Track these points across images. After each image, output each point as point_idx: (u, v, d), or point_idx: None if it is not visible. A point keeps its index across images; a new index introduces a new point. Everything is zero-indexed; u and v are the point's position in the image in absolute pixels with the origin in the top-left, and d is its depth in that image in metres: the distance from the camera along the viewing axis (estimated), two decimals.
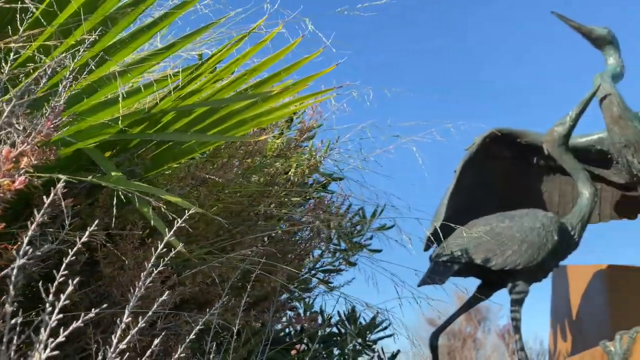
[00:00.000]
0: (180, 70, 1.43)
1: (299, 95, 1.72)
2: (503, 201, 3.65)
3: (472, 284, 3.24)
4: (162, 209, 1.19)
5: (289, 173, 2.13)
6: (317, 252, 2.90)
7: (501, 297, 3.11)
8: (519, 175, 3.65)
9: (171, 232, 0.99)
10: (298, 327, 2.98)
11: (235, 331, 1.27)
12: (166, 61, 1.65)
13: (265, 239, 2.06)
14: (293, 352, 2.87)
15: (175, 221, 1.01)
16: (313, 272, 2.86)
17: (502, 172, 3.63)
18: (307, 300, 2.97)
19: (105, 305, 1.11)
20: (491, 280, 3.09)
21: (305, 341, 2.91)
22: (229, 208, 1.59)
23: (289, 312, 3.07)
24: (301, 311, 3.05)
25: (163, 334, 1.22)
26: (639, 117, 2.97)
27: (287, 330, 2.97)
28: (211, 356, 1.18)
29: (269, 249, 1.52)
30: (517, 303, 2.93)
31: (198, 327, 1.23)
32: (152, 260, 0.95)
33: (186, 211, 1.10)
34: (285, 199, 2.03)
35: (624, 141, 2.96)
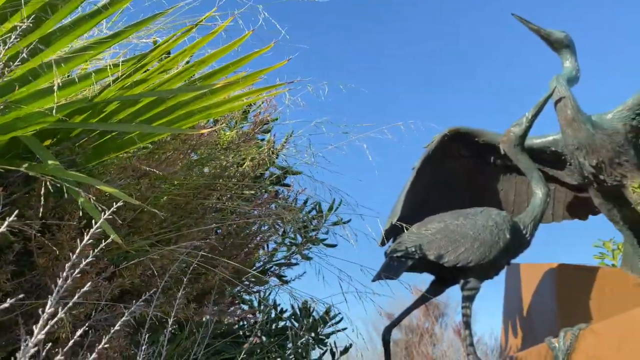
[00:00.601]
0: (127, 59, 1.41)
1: (251, 89, 1.73)
2: (460, 199, 3.73)
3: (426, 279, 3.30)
4: (95, 199, 1.19)
5: (244, 166, 2.14)
6: (272, 246, 2.92)
7: (456, 293, 3.19)
8: (477, 174, 3.72)
9: (99, 222, 0.99)
10: (252, 320, 3.00)
11: (171, 322, 1.27)
12: (116, 48, 1.64)
13: (219, 231, 2.07)
14: (246, 345, 2.88)
15: (107, 212, 1.01)
16: (268, 265, 2.88)
17: (460, 170, 3.70)
18: (261, 293, 2.99)
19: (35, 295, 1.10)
20: (444, 276, 3.16)
21: (259, 334, 2.92)
22: (175, 200, 1.58)
23: (243, 306, 3.09)
24: (255, 304, 3.07)
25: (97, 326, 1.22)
26: (591, 121, 3.05)
27: (241, 323, 2.99)
28: (143, 347, 1.18)
29: (211, 243, 1.52)
30: (468, 299, 2.99)
31: (131, 319, 1.23)
32: (78, 251, 0.95)
33: (123, 202, 1.10)
34: (238, 192, 2.04)
35: (576, 143, 3.04)
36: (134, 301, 1.34)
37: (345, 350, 3.03)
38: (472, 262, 2.94)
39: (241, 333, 2.81)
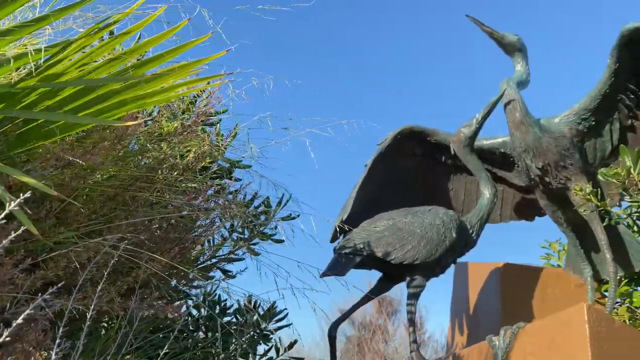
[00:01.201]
0: (50, 44, 1.37)
1: (190, 79, 1.71)
2: (412, 197, 3.77)
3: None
4: (17, 189, 1.15)
5: (186, 158, 2.11)
6: (222, 240, 2.90)
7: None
8: (428, 173, 3.77)
9: (8, 209, 0.96)
10: (196, 315, 2.97)
11: (90, 316, 1.25)
12: (50, 35, 1.60)
13: (165, 224, 2.04)
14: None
15: (15, 201, 0.98)
16: (214, 259, 2.86)
17: (412, 168, 3.74)
18: (204, 289, 2.97)
19: None
20: (391, 273, 3.19)
21: (202, 330, 2.90)
22: (106, 192, 1.55)
23: (189, 300, 3.06)
24: (201, 300, 3.05)
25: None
26: (539, 124, 3.12)
27: (185, 318, 2.96)
28: (57, 341, 1.15)
29: (139, 236, 1.49)
30: (413, 297, 3.03)
31: (50, 313, 1.20)
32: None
33: (39, 193, 1.07)
34: (179, 185, 2.01)
35: (523, 146, 3.11)
36: (66, 295, 1.31)
37: (291, 346, 3.04)
38: (419, 259, 2.98)
39: (184, 328, 2.79)
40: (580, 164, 3.15)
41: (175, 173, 1.90)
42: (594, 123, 3.16)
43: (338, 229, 3.36)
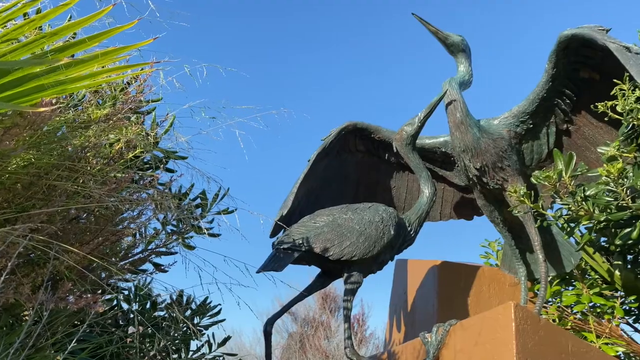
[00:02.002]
0: None
1: (116, 66, 1.67)
2: (354, 193, 3.83)
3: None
4: None
5: (114, 147, 2.06)
6: (155, 233, 2.85)
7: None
8: (372, 170, 3.82)
9: None
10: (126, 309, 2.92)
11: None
12: None
13: (84, 215, 1.99)
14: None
15: None
16: (146, 253, 2.81)
17: (356, 165, 3.79)
18: (138, 281, 2.92)
19: None
20: (329, 269, 3.22)
21: (135, 324, 2.85)
22: (21, 180, 1.50)
23: (120, 294, 3.00)
24: (133, 293, 2.99)
25: None
26: (479, 125, 3.20)
27: (115, 313, 2.90)
28: None
29: (48, 226, 1.45)
30: (350, 293, 3.07)
31: None
32: None
33: None
34: (104, 175, 1.96)
35: (462, 146, 3.18)
36: None
37: (224, 342, 3.02)
38: (357, 256, 3.01)
39: (113, 323, 2.74)
40: (517, 166, 3.25)
41: (101, 162, 1.85)
42: (531, 126, 3.26)
43: (278, 225, 3.38)
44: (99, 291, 2.31)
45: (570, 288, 3.68)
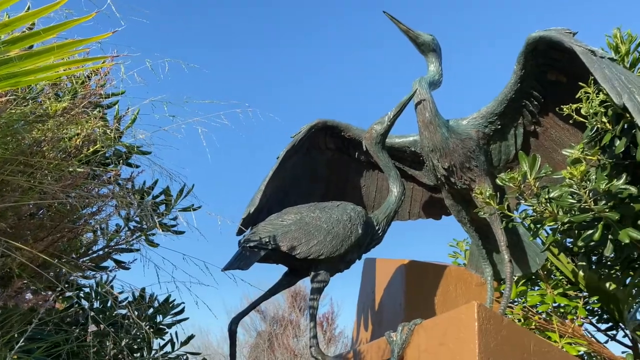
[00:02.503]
0: None
1: (75, 59, 1.64)
2: (323, 191, 3.83)
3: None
4: None
5: (73, 141, 2.03)
6: (117, 230, 2.81)
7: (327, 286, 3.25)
8: (341, 168, 3.83)
9: None
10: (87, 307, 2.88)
11: None
12: None
13: (37, 211, 1.95)
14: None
15: None
16: (107, 250, 2.78)
17: (325, 163, 3.79)
18: (100, 279, 2.88)
19: None
20: (296, 268, 3.22)
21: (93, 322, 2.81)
22: None
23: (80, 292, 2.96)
24: (93, 291, 2.95)
25: None
26: (447, 125, 3.23)
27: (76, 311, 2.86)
28: None
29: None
30: (316, 292, 3.07)
31: None
32: None
33: None
34: (65, 170, 1.93)
35: (431, 146, 3.21)
36: None
37: (187, 341, 3.00)
38: (324, 254, 3.02)
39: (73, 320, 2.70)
40: (485, 167, 3.29)
41: (59, 156, 1.82)
42: (499, 127, 3.31)
43: (245, 222, 3.37)
44: (58, 288, 2.27)
45: (536, 288, 3.75)
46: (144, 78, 1.92)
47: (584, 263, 3.53)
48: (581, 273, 3.58)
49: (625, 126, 2.60)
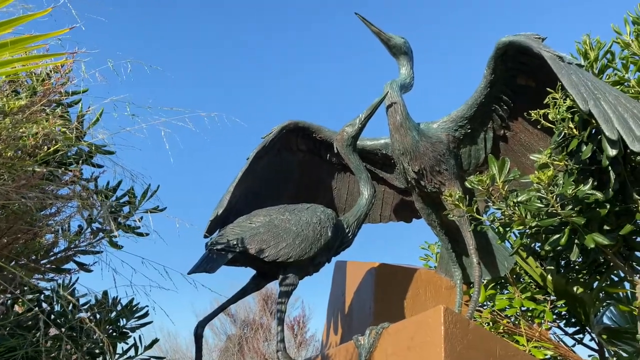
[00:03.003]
0: None
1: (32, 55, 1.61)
2: (294, 193, 3.81)
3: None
4: None
5: (32, 140, 1.98)
6: (79, 231, 2.76)
7: (297, 289, 3.24)
8: (313, 170, 3.83)
9: None
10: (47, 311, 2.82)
11: None
12: None
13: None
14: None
15: None
16: (69, 252, 2.72)
17: (297, 164, 3.78)
18: (62, 281, 2.83)
19: None
20: (265, 271, 3.21)
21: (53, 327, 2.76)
22: None
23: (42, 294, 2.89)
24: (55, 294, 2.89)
25: None
26: (418, 128, 3.25)
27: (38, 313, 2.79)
28: None
29: None
30: (285, 295, 3.06)
31: None
32: None
33: None
34: (20, 170, 1.88)
35: (402, 149, 3.22)
36: None
37: (151, 344, 2.96)
38: (292, 257, 3.01)
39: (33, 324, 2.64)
40: (455, 170, 3.32)
41: (15, 155, 1.77)
42: (469, 131, 3.34)
43: (213, 224, 3.34)
44: (17, 292, 2.22)
45: (505, 292, 3.79)
46: (106, 77, 1.89)
47: (552, 267, 3.58)
48: (549, 277, 3.63)
49: (592, 132, 2.64)
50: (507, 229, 3.13)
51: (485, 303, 3.80)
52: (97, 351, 2.67)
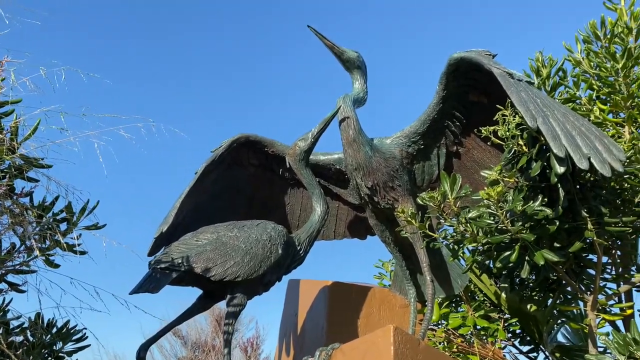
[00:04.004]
0: None
1: None
2: (245, 210, 3.78)
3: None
4: None
5: None
6: (12, 249, 2.67)
7: (251, 309, 3.19)
8: (265, 185, 3.80)
9: None
10: None
11: None
12: None
13: None
14: None
15: None
16: (2, 270, 2.63)
17: (248, 179, 3.75)
18: None
19: None
20: (212, 291, 3.16)
21: None
22: None
23: None
24: None
25: None
26: (371, 143, 3.27)
27: None
28: None
29: None
30: (232, 316, 3.01)
31: None
32: None
33: None
34: None
35: (355, 164, 3.23)
36: None
37: None
38: (241, 276, 2.97)
39: None
40: (409, 186, 3.34)
41: None
42: (422, 147, 3.38)
43: (158, 242, 3.28)
44: None
45: (460, 310, 3.83)
46: (38, 86, 1.84)
47: (505, 285, 3.64)
48: (503, 295, 3.68)
49: (541, 149, 2.71)
50: (460, 245, 3.17)
51: (440, 322, 3.83)
52: None
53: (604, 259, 3.13)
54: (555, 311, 3.63)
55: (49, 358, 2.75)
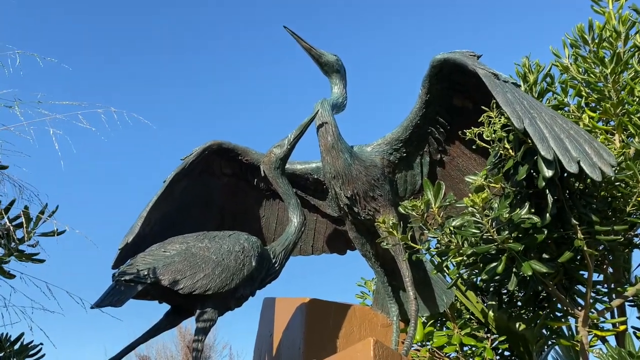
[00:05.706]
0: None
1: None
2: (218, 221, 3.73)
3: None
4: None
5: None
6: None
7: (225, 335, 3.12)
8: (239, 196, 3.76)
9: None
10: None
11: None
12: None
13: None
14: None
15: None
16: None
17: (221, 189, 3.71)
18: None
19: None
20: (181, 305, 3.08)
21: None
22: None
23: None
24: None
25: None
26: (351, 151, 3.24)
27: None
28: None
29: None
30: (202, 332, 2.94)
31: None
32: None
33: None
34: None
35: (333, 172, 3.20)
36: None
37: None
38: (211, 289, 2.90)
39: None
40: (390, 196, 3.32)
41: None
42: (405, 154, 3.37)
43: (123, 253, 3.22)
44: None
45: (445, 329, 3.79)
46: None
47: (493, 302, 3.61)
48: (490, 313, 3.65)
49: (528, 152, 2.70)
50: (444, 258, 3.14)
51: (424, 342, 3.78)
52: None
53: (596, 276, 3.12)
54: (545, 330, 3.61)
55: None
